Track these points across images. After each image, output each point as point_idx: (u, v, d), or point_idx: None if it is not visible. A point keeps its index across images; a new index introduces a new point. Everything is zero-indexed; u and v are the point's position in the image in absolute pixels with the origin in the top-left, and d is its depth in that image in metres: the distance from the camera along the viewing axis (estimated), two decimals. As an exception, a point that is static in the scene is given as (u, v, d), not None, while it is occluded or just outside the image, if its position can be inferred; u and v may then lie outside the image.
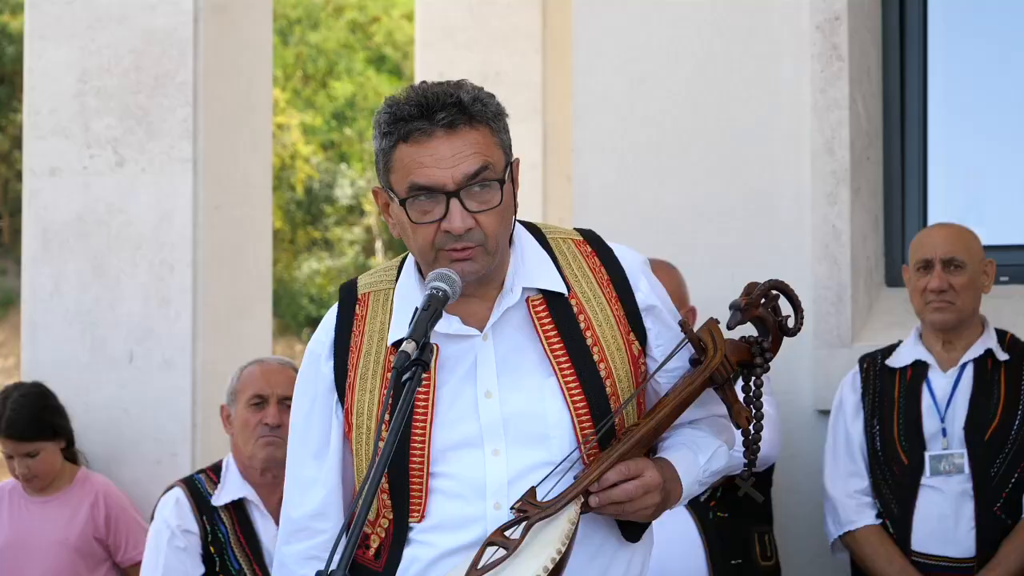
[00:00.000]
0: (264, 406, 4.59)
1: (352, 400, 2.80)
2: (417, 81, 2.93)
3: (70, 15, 5.80)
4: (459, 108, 2.68)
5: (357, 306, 2.85)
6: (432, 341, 2.66)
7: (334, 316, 2.87)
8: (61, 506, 5.39)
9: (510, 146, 2.78)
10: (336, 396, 2.83)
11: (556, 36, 8.44)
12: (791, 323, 2.91)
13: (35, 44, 5.86)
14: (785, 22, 5.02)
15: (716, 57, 5.09)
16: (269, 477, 4.57)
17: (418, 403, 2.71)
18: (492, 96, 2.76)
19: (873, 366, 4.60)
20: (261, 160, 6.18)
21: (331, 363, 2.83)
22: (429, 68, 8.45)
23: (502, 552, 2.63)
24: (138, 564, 5.25)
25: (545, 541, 2.64)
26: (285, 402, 4.57)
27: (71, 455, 5.49)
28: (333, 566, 2.42)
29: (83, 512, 5.37)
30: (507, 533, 2.65)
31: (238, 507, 4.57)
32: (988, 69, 5.27)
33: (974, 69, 5.28)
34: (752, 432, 2.86)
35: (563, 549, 2.63)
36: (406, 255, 2.87)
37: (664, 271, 4.54)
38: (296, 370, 4.63)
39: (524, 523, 2.66)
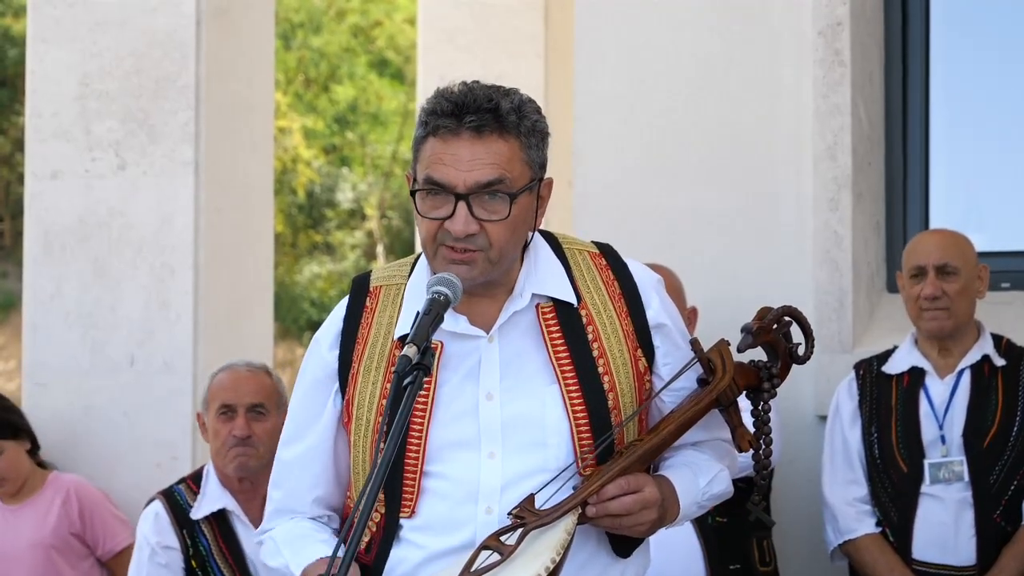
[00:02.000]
0: (232, 416, 4.52)
1: (354, 391, 2.80)
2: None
3: (72, 18, 5.80)
4: (493, 115, 2.69)
5: (367, 298, 2.86)
6: (438, 338, 2.68)
7: (344, 306, 2.87)
8: (34, 509, 5.39)
9: (542, 164, 2.77)
10: (337, 384, 2.84)
11: (558, 39, 8.44)
12: (801, 351, 2.91)
13: (37, 47, 5.87)
14: (787, 27, 5.02)
15: (717, 61, 5.09)
16: (247, 485, 4.55)
17: (417, 399, 2.71)
18: (537, 112, 2.76)
19: (869, 372, 4.59)
20: (262, 163, 6.18)
21: (336, 351, 2.84)
22: (431, 72, 8.45)
23: (496, 557, 2.62)
24: (119, 554, 5.31)
25: (539, 549, 2.63)
26: (255, 410, 4.53)
27: (40, 462, 5.47)
28: (334, 571, 2.43)
29: (55, 509, 5.36)
30: (503, 538, 2.65)
31: (219, 517, 4.53)
32: (990, 75, 5.27)
33: (976, 75, 5.28)
34: (762, 458, 2.86)
35: (557, 559, 2.62)
36: (420, 253, 2.87)
37: (660, 273, 4.53)
38: (270, 374, 4.62)
39: (520, 529, 2.65)
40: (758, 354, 2.90)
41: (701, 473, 2.87)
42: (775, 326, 2.87)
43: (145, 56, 5.74)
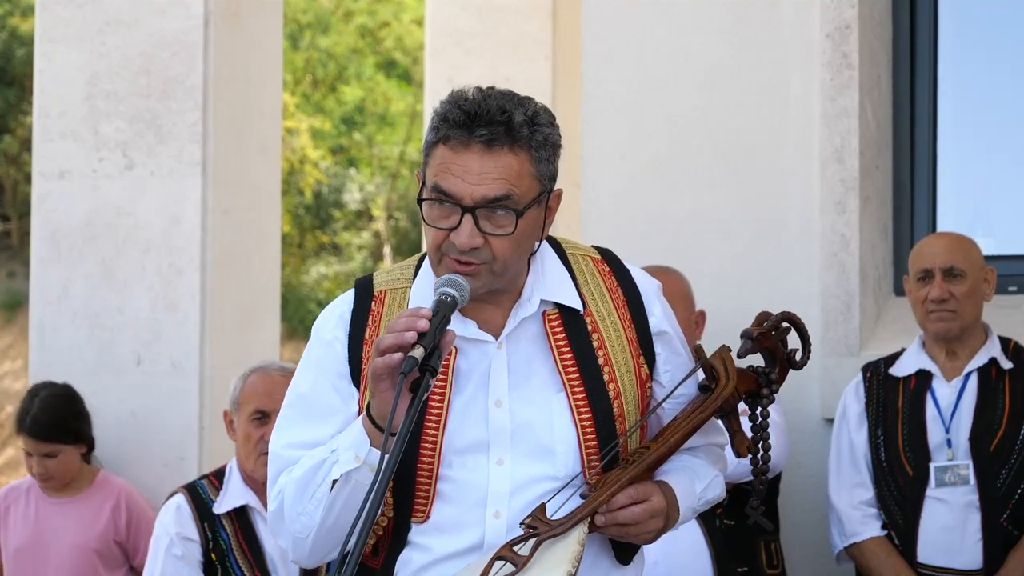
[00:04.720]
0: (266, 422, 4.52)
1: (363, 394, 2.78)
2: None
3: (80, 18, 5.81)
4: (505, 128, 2.66)
5: (373, 302, 2.83)
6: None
7: (349, 309, 2.84)
8: (81, 508, 5.40)
9: (552, 177, 2.74)
10: (354, 386, 2.80)
11: (566, 43, 8.43)
12: (799, 356, 2.91)
13: (45, 47, 5.87)
14: (795, 31, 5.02)
15: (725, 65, 5.08)
16: None
17: (432, 404, 2.71)
18: (551, 124, 2.72)
19: (876, 375, 4.59)
20: (270, 164, 6.18)
21: (347, 353, 2.81)
22: (438, 74, 8.44)
23: (510, 568, 2.62)
24: None
25: (554, 561, 2.63)
26: None
27: (87, 458, 5.50)
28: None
29: (105, 514, 5.38)
30: (516, 548, 2.64)
31: (240, 514, 4.54)
32: (998, 78, 5.27)
33: (984, 78, 5.27)
34: (760, 463, 2.86)
35: (573, 571, 2.62)
36: (423, 254, 2.86)
37: (669, 276, 4.54)
38: None
39: (533, 540, 2.65)
40: (756, 360, 2.90)
41: (698, 479, 2.88)
42: (774, 332, 2.88)
43: (153, 57, 5.75)
